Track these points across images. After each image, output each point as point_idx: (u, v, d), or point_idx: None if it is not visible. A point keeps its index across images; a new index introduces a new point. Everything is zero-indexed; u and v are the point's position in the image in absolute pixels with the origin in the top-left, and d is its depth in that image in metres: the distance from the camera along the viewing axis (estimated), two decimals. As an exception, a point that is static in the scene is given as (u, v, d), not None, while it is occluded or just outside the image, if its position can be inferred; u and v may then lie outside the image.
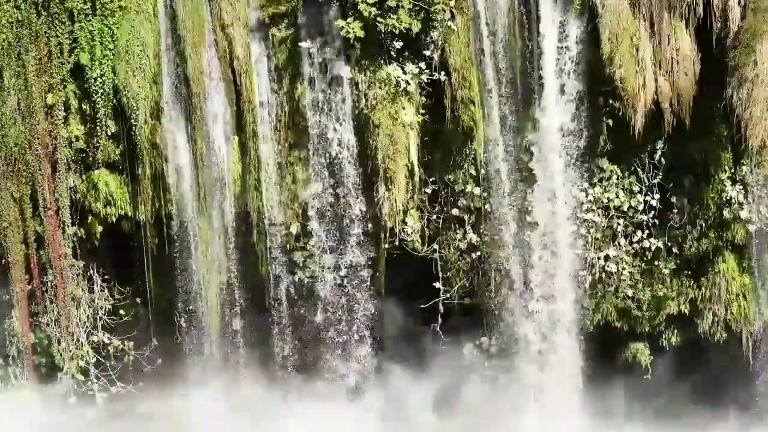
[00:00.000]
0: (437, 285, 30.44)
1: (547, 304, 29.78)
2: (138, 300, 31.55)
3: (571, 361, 30.12)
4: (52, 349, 31.19)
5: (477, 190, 29.41)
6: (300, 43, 28.70)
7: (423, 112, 29.02)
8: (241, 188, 29.92)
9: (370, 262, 30.01)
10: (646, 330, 30.51)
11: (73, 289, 30.86)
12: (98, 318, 31.34)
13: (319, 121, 29.22)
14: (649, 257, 29.76)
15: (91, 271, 31.32)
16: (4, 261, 30.70)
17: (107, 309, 31.44)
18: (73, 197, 30.32)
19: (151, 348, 31.78)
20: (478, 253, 29.98)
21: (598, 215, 29.48)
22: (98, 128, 29.67)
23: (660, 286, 29.94)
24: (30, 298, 30.95)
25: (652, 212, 29.47)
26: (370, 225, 29.74)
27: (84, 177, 30.32)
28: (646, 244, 29.62)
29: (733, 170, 28.89)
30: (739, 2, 27.63)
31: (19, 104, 29.57)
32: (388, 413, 30.81)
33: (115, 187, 30.25)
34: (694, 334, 30.16)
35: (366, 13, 27.76)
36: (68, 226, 30.35)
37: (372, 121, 28.69)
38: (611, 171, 29.42)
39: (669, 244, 29.71)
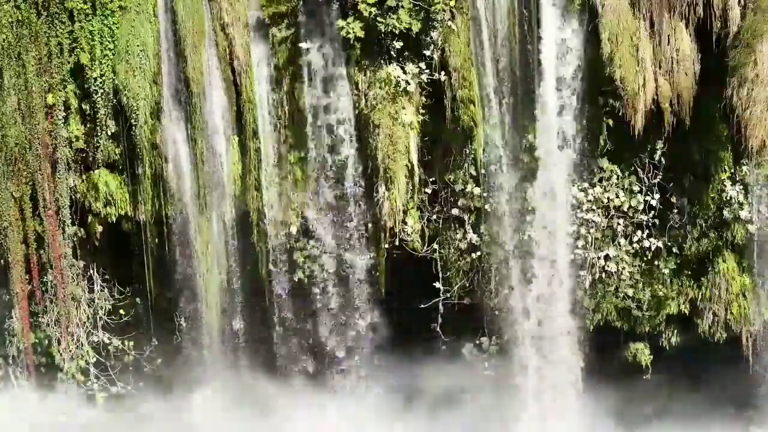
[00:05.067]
0: (437, 285, 30.44)
1: (547, 304, 29.78)
2: (138, 300, 31.56)
3: (570, 361, 30.12)
4: (52, 349, 31.20)
5: (477, 190, 29.42)
6: (300, 43, 28.70)
7: (423, 112, 29.02)
8: (241, 188, 29.91)
9: (370, 262, 30.02)
10: (646, 330, 30.51)
11: (73, 289, 30.87)
12: (98, 318, 31.35)
13: (319, 121, 29.23)
14: (649, 257, 29.76)
15: (91, 271, 31.33)
16: (4, 261, 30.70)
17: (107, 309, 31.46)
18: (73, 197, 30.33)
19: (151, 348, 31.79)
20: (478, 253, 29.98)
21: (598, 215, 29.49)
22: (98, 128, 29.68)
23: (660, 286, 29.94)
24: (30, 298, 30.95)
25: (652, 212, 29.47)
26: (370, 225, 29.75)
27: (84, 177, 30.33)
28: (646, 244, 29.62)
29: (733, 170, 28.88)
30: (739, 2, 27.63)
31: (19, 104, 29.57)
32: (388, 413, 30.82)
33: (115, 187, 30.25)
34: (694, 334, 30.16)
35: (366, 13, 27.77)
36: (68, 226, 30.36)
37: (372, 121, 28.69)
38: (611, 171, 29.42)
39: (669, 244, 29.71)
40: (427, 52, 28.42)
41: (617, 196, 29.40)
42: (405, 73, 28.41)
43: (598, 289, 30.08)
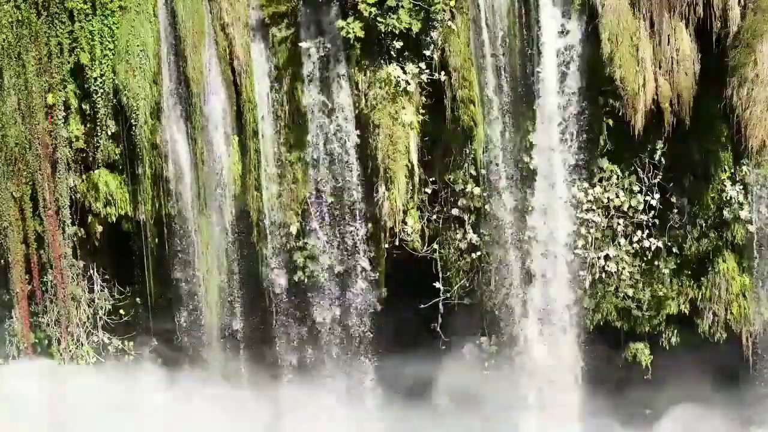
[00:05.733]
0: (437, 285, 30.44)
1: (547, 304, 29.78)
2: (138, 300, 31.56)
3: (571, 361, 30.12)
4: (52, 349, 31.21)
5: (477, 190, 29.42)
6: (300, 43, 28.71)
7: (423, 112, 29.02)
8: (241, 188, 29.92)
9: (370, 262, 30.02)
10: (646, 330, 30.50)
11: (73, 289, 30.88)
12: (98, 318, 31.36)
13: (319, 121, 29.22)
14: (649, 257, 29.76)
15: (91, 271, 31.35)
16: (4, 261, 30.71)
17: (107, 309, 31.48)
18: (73, 197, 30.35)
19: (151, 348, 31.79)
20: (478, 253, 29.98)
21: (598, 215, 29.48)
22: (98, 128, 29.71)
23: (660, 286, 29.94)
24: (30, 298, 30.96)
25: (652, 212, 29.46)
26: (370, 225, 29.75)
27: (84, 177, 30.35)
28: (646, 244, 29.62)
29: (733, 170, 28.88)
30: (739, 2, 27.62)
31: (19, 104, 29.61)
32: (388, 413, 30.82)
33: (115, 187, 30.27)
34: (694, 334, 30.15)
35: (366, 13, 27.77)
36: (68, 226, 30.38)
37: (372, 121, 28.69)
38: (611, 171, 29.41)
39: (669, 244, 29.70)
40: (427, 52, 28.42)
41: (617, 196, 29.40)
42: (405, 73, 28.41)
43: (598, 289, 30.06)
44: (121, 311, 31.51)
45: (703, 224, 29.42)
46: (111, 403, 30.58)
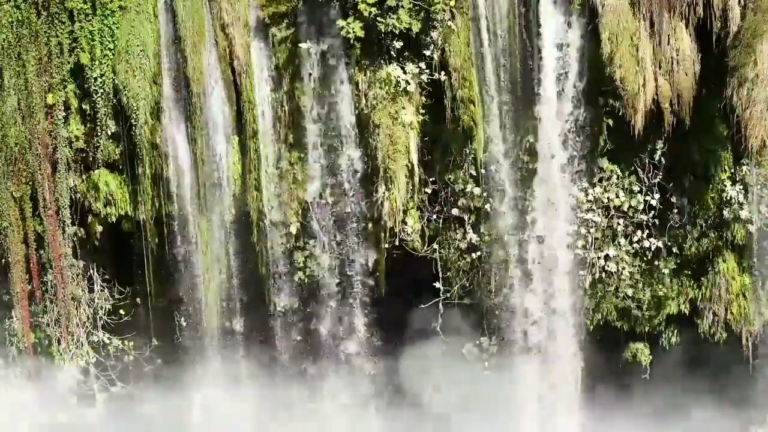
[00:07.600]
0: (437, 285, 30.44)
1: (547, 304, 29.78)
2: (138, 300, 31.55)
3: (571, 360, 30.13)
4: (52, 349, 31.21)
5: (477, 190, 29.42)
6: (300, 43, 28.71)
7: (423, 112, 29.02)
8: (241, 188, 29.92)
9: (369, 262, 30.02)
10: (646, 330, 30.53)
11: (73, 289, 30.87)
12: (98, 318, 31.36)
13: (319, 121, 29.23)
14: (649, 257, 29.77)
15: (91, 271, 31.34)
16: (4, 261, 30.71)
17: (107, 309, 31.46)
18: (73, 197, 30.34)
19: (151, 348, 31.80)
20: (478, 253, 29.98)
21: (598, 215, 29.49)
22: (98, 128, 29.70)
23: (660, 286, 29.95)
24: (30, 298, 30.96)
25: (652, 212, 29.48)
26: (370, 225, 29.75)
27: (84, 177, 30.34)
28: (646, 243, 29.63)
29: (733, 170, 28.90)
30: (739, 2, 27.65)
31: (19, 104, 29.60)
32: (388, 413, 30.82)
33: (115, 187, 30.26)
34: (694, 334, 30.17)
35: (366, 13, 27.77)
36: (68, 226, 30.37)
37: (372, 121, 28.69)
38: (611, 171, 29.43)
39: (669, 244, 29.72)
40: (427, 52, 28.42)
41: (617, 196, 29.41)
42: (405, 73, 28.41)
43: (598, 289, 30.08)
44: (121, 311, 31.50)
45: (703, 224, 29.43)
46: None
